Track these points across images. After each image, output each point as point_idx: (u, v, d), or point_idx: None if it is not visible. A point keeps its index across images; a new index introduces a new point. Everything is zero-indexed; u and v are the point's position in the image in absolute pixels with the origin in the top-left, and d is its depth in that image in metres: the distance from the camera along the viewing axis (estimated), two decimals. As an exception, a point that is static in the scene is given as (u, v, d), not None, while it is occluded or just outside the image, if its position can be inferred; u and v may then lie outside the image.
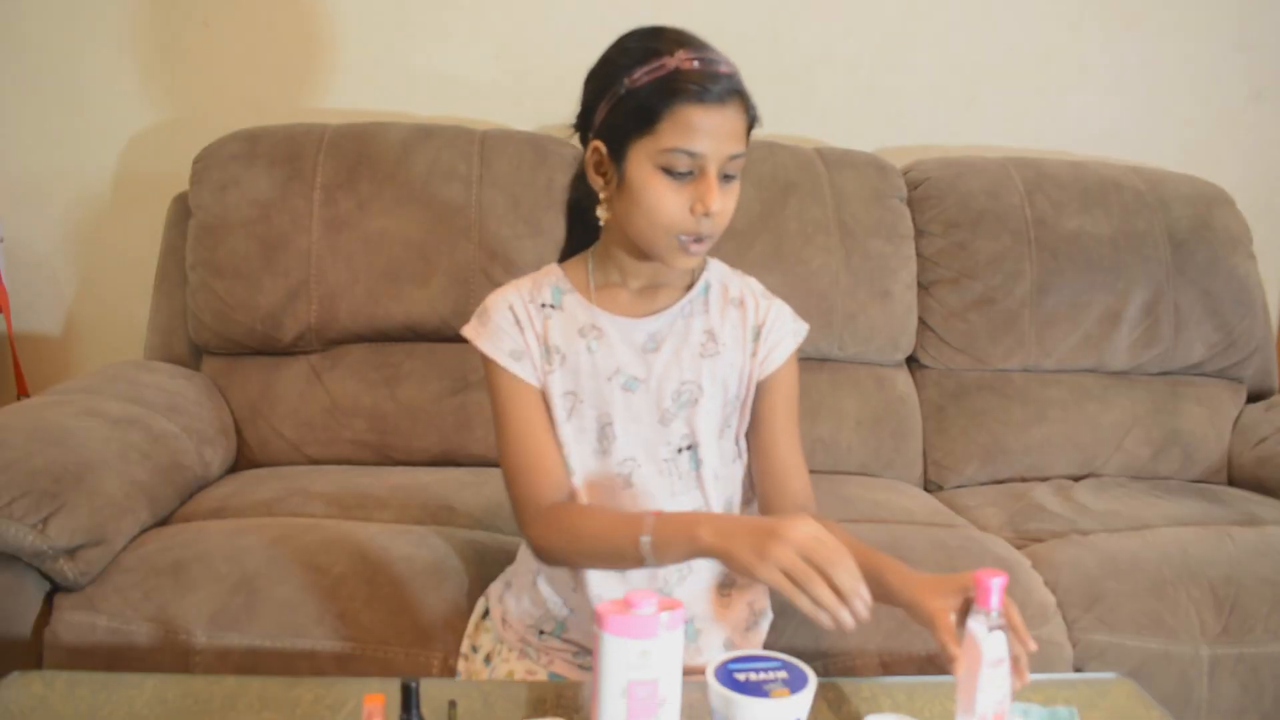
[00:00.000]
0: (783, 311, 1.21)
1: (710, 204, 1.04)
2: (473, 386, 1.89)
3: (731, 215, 1.09)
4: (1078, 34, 2.29)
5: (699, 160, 1.04)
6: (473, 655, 1.27)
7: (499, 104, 2.19)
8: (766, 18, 2.21)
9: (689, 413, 1.15)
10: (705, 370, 1.16)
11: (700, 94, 1.02)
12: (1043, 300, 2.02)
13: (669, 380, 1.15)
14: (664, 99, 1.03)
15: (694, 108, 1.02)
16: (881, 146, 2.28)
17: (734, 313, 1.19)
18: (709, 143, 1.04)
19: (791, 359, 1.20)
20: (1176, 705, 1.44)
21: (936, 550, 1.53)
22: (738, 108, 1.06)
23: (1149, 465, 2.01)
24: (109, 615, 1.34)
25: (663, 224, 1.06)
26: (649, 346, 1.16)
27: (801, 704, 0.87)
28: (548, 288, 1.17)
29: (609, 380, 1.14)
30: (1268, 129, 2.38)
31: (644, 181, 1.06)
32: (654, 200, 1.05)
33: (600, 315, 1.15)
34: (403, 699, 0.85)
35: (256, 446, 1.88)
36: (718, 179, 1.05)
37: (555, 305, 1.16)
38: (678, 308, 1.17)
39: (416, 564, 1.42)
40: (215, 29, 2.14)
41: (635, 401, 1.14)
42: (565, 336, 1.14)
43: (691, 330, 1.17)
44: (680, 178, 1.05)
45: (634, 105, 1.05)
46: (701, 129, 1.03)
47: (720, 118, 1.04)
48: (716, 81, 1.03)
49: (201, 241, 1.89)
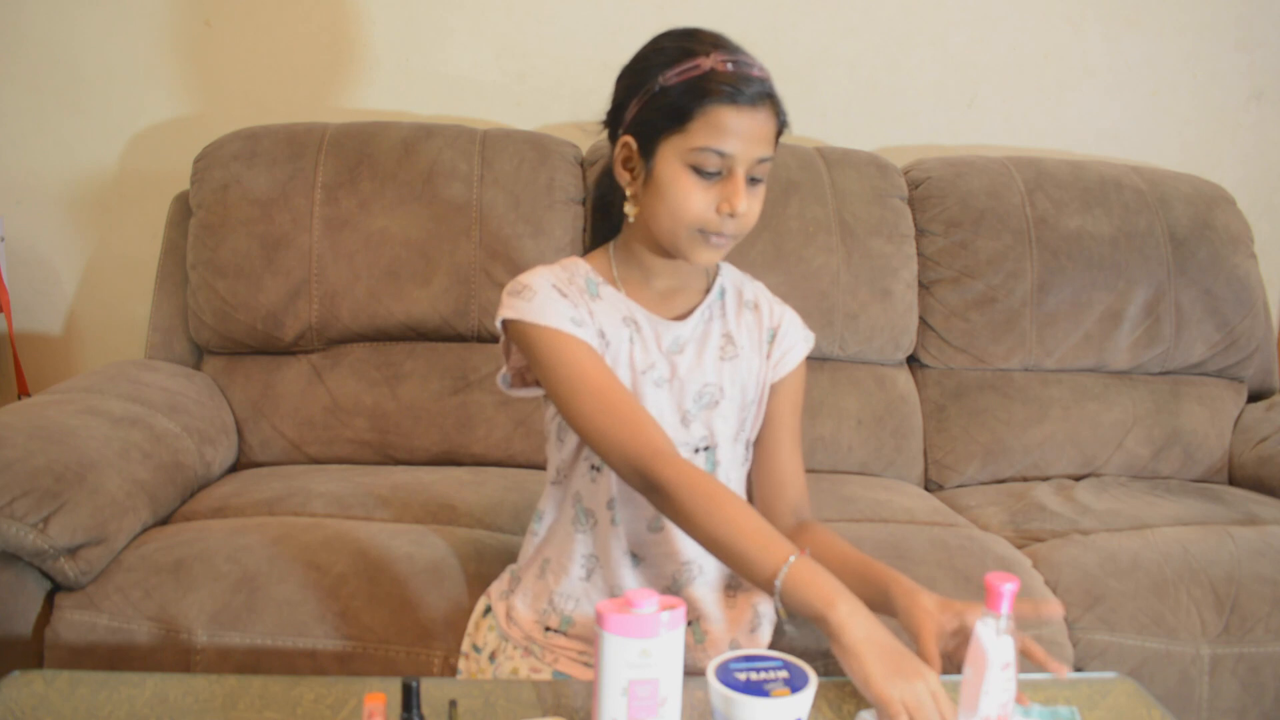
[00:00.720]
0: (795, 320, 1.24)
1: (737, 205, 1.06)
2: (473, 386, 1.89)
3: (756, 217, 1.10)
4: (1078, 34, 2.29)
5: (728, 161, 1.06)
6: (474, 654, 1.26)
7: (500, 103, 2.19)
8: (767, 18, 2.21)
9: (708, 415, 1.16)
10: (726, 373, 1.17)
11: (733, 95, 1.04)
12: (1043, 300, 2.02)
13: (692, 382, 1.16)
14: (697, 98, 1.04)
15: (726, 109, 1.04)
16: (882, 146, 2.28)
17: (749, 316, 1.21)
18: (739, 144, 1.05)
19: (801, 366, 1.23)
20: (1177, 705, 1.44)
21: (937, 550, 1.53)
22: (769, 112, 1.07)
23: (1150, 465, 2.02)
24: (110, 614, 1.34)
25: (687, 221, 1.08)
26: (674, 349, 1.17)
27: (802, 704, 0.87)
28: (580, 276, 1.17)
29: (643, 375, 1.15)
30: (1268, 129, 2.38)
31: (672, 178, 1.07)
32: (681, 197, 1.07)
33: (637, 309, 1.16)
34: (403, 698, 0.85)
35: (257, 446, 1.88)
36: (745, 181, 1.07)
37: (594, 294, 1.16)
38: (700, 313, 1.18)
39: (417, 563, 1.42)
40: (217, 28, 2.14)
41: (661, 399, 1.15)
42: (611, 323, 1.14)
43: (711, 333, 1.18)
44: (708, 177, 1.06)
45: (666, 103, 1.06)
46: (732, 130, 1.04)
47: (751, 120, 1.05)
48: (750, 84, 1.05)
49: (202, 241, 1.90)
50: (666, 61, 1.07)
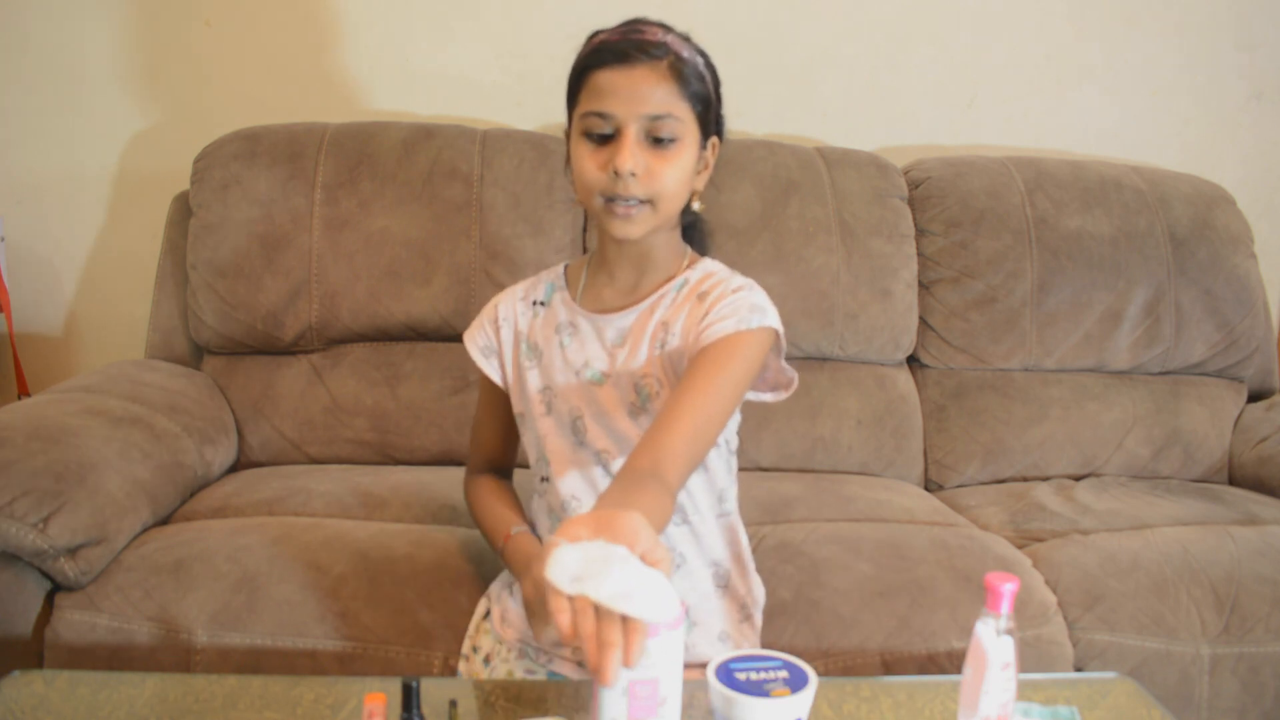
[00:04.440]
0: (741, 300, 1.11)
1: (619, 162, 1.05)
2: (473, 386, 1.89)
3: (674, 181, 1.08)
4: (1078, 34, 2.29)
5: (613, 120, 1.07)
6: (474, 656, 1.27)
7: (500, 103, 2.19)
8: (767, 18, 2.21)
9: (655, 405, 1.15)
10: (659, 364, 1.14)
11: (613, 59, 1.07)
12: (1044, 300, 2.02)
13: (627, 374, 1.15)
14: (582, 70, 1.10)
15: (603, 71, 1.07)
16: (882, 146, 2.28)
17: (694, 306, 1.13)
18: (618, 103, 1.06)
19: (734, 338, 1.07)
20: (1177, 705, 1.44)
21: (937, 550, 1.53)
22: (656, 70, 1.07)
23: (1150, 465, 2.01)
24: (110, 614, 1.34)
25: (585, 187, 1.10)
26: (617, 342, 1.17)
27: (802, 704, 0.87)
28: (544, 285, 1.22)
29: (577, 375, 1.17)
30: (1268, 129, 2.38)
31: (574, 150, 1.11)
32: (577, 165, 1.10)
33: (579, 312, 1.19)
34: (403, 698, 0.85)
35: (257, 446, 1.88)
36: (639, 140, 1.07)
37: (545, 303, 1.20)
38: (646, 302, 1.16)
39: (417, 563, 1.42)
40: (217, 28, 2.14)
41: (603, 395, 1.16)
42: (544, 334, 1.19)
43: (650, 324, 1.16)
44: (600, 141, 1.08)
45: (569, 83, 1.12)
46: (609, 90, 1.07)
47: (629, 78, 1.06)
48: (634, 46, 1.07)
49: (202, 241, 1.89)
50: (579, 53, 1.12)
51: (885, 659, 1.38)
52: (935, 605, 1.43)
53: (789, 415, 1.93)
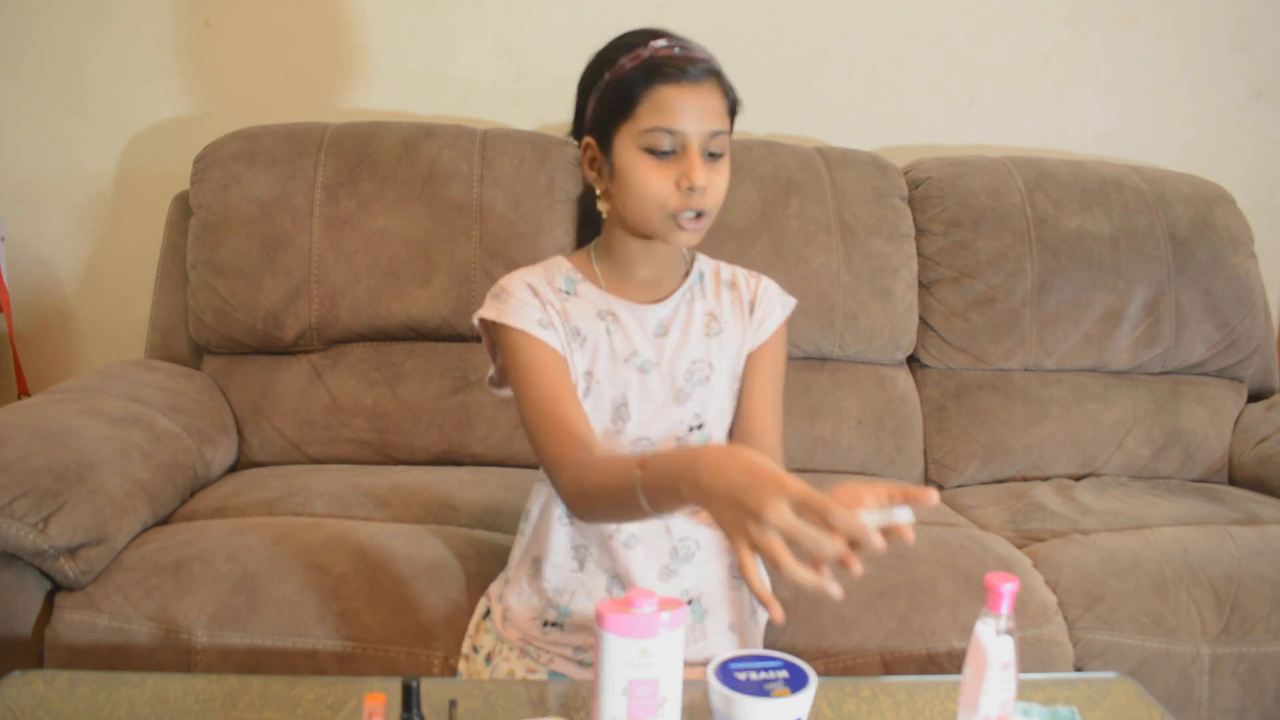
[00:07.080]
0: (771, 286, 1.27)
1: (695, 178, 1.08)
2: (473, 386, 1.89)
3: (724, 192, 1.13)
4: (1078, 34, 2.29)
5: (679, 138, 1.08)
6: (474, 655, 1.27)
7: (500, 103, 2.19)
8: (767, 18, 2.21)
9: (703, 391, 1.19)
10: (714, 349, 1.21)
11: (676, 75, 1.07)
12: (1044, 299, 2.02)
13: (681, 360, 1.19)
14: (641, 83, 1.08)
15: (669, 87, 1.07)
16: (882, 146, 2.28)
17: (728, 293, 1.24)
18: (687, 120, 1.08)
19: (780, 332, 1.25)
20: (1177, 705, 1.44)
21: (937, 550, 1.53)
22: (713, 87, 1.10)
23: (1150, 465, 2.01)
24: (110, 614, 1.34)
25: (652, 202, 1.10)
26: (659, 331, 1.20)
27: (802, 703, 0.87)
28: (560, 275, 1.21)
29: (626, 362, 1.18)
30: (1268, 129, 2.38)
31: (631, 165, 1.10)
32: (641, 180, 1.10)
33: (615, 301, 1.20)
34: (403, 698, 0.85)
35: (257, 445, 1.88)
36: (701, 156, 1.09)
37: (570, 292, 1.20)
38: (680, 294, 1.22)
39: (417, 563, 1.42)
40: (217, 28, 2.14)
41: (650, 383, 1.18)
42: (584, 319, 1.18)
43: (695, 313, 1.21)
44: (664, 157, 1.09)
45: (615, 95, 1.10)
46: (677, 107, 1.08)
47: (695, 95, 1.08)
48: (692, 64, 1.08)
49: (202, 240, 1.89)
50: (613, 58, 1.11)
51: (885, 659, 1.38)
52: (935, 605, 1.43)
53: (789, 415, 1.90)
